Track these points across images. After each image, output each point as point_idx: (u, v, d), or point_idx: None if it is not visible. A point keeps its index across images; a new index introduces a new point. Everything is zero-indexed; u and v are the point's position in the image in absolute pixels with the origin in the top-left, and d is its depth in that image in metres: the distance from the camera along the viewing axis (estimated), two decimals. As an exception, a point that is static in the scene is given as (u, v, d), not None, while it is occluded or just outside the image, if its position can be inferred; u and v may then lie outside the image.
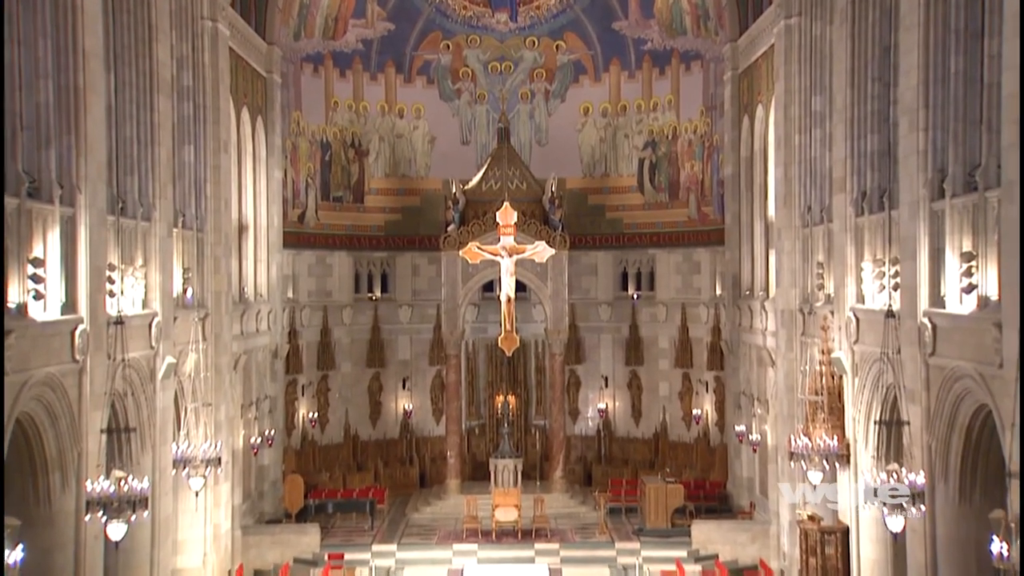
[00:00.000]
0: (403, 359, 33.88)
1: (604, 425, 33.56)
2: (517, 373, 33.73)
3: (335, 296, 32.77)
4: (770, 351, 25.25)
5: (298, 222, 31.50)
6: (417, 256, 33.76)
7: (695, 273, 32.38)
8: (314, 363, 31.91)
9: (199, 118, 22.91)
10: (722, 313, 30.44)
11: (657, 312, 33.19)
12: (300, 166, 31.55)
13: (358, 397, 33.22)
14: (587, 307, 33.73)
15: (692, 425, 31.93)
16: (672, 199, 32.95)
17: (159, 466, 19.10)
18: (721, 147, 30.47)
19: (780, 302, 23.88)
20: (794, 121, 23.21)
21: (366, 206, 33.61)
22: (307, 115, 31.84)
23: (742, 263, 29.02)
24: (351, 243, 33.11)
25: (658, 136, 33.17)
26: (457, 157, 33.88)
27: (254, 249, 28.28)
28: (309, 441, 31.38)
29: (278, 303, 29.40)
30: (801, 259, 23.09)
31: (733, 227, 29.38)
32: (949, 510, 15.54)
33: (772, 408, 25.07)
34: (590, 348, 33.93)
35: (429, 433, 33.67)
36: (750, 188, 28.50)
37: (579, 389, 33.92)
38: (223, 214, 23.80)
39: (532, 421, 33.77)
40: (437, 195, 33.56)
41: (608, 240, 33.78)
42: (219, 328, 23.33)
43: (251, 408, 26.86)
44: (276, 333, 29.23)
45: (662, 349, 33.17)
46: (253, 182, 28.38)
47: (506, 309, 21.62)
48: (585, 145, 34.27)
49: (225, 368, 23.59)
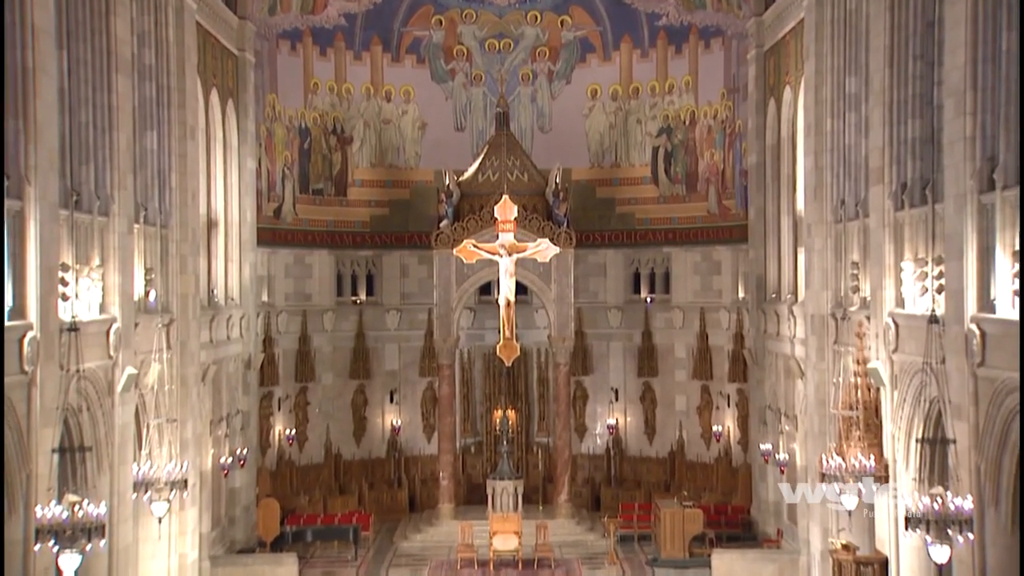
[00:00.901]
0: (391, 369, 33.89)
1: (614, 443, 33.54)
2: (517, 385, 33.71)
3: (315, 299, 32.77)
4: (799, 361, 25.19)
5: (274, 217, 31.47)
6: (406, 255, 33.78)
7: (715, 274, 32.35)
8: (291, 374, 31.92)
9: (163, 101, 22.84)
10: (745, 318, 30.41)
11: (673, 317, 33.15)
12: (276, 155, 31.53)
13: (340, 412, 33.21)
14: (595, 312, 33.74)
15: (712, 443, 31.89)
16: (690, 191, 32.93)
17: (117, 489, 19.00)
18: (744, 134, 30.44)
19: (810, 306, 23.82)
20: (826, 105, 23.18)
21: (349, 199, 33.62)
22: (284, 98, 31.80)
23: (767, 263, 28.97)
24: (333, 241, 33.11)
25: (674, 122, 33.17)
26: (451, 145, 33.89)
27: (225, 247, 28.21)
28: (286, 461, 31.36)
29: (251, 307, 29.35)
30: (833, 258, 23.06)
31: (757, 223, 29.33)
32: (1000, 538, 15.45)
33: (801, 424, 25.02)
34: (598, 357, 33.95)
35: (420, 452, 33.67)
36: (776, 179, 28.46)
37: (586, 403, 33.94)
38: (190, 208, 23.76)
39: (534, 438, 33.79)
40: (428, 187, 33.56)
41: (618, 237, 33.81)
42: (185, 335, 23.29)
43: (221, 424, 26.80)
44: (249, 341, 29.18)
45: (679, 359, 33.17)
46: (223, 173, 28.31)
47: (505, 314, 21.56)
48: (593, 132, 34.28)
49: (192, 380, 23.53)
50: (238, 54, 28.85)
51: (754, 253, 29.59)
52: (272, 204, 31.45)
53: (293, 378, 31.97)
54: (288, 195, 32.00)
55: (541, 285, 30.66)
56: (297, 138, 32.37)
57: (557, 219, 30.79)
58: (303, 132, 32.55)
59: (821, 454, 20.57)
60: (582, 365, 33.48)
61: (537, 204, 31.22)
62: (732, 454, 31.24)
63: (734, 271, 31.59)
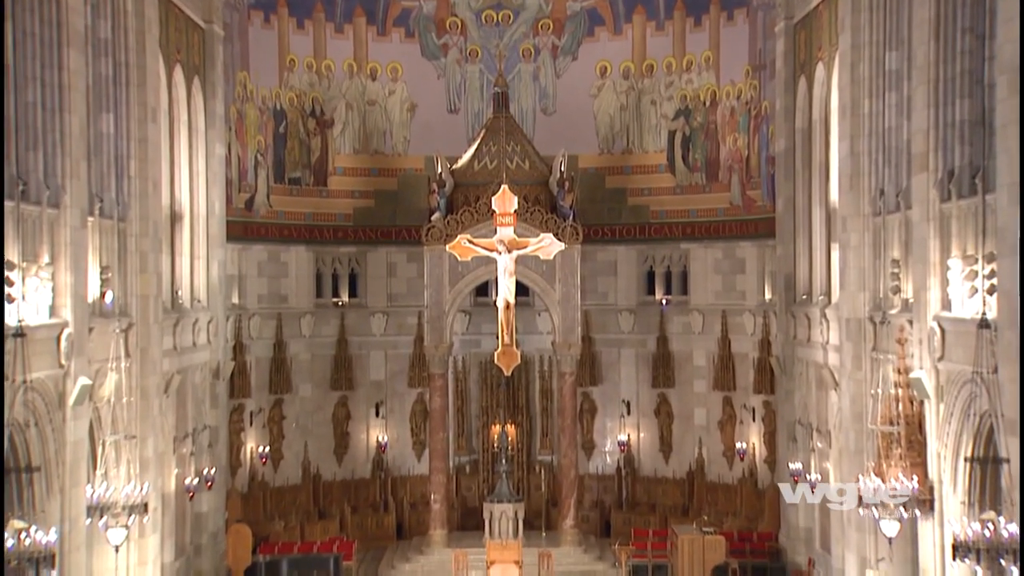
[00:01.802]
0: (376, 380, 33.87)
1: (626, 461, 33.53)
2: (518, 397, 33.70)
3: (291, 301, 32.73)
4: (832, 370, 25.14)
5: (245, 209, 31.43)
6: (394, 252, 33.75)
7: (739, 273, 32.32)
8: (265, 385, 31.90)
9: (120, 79, 22.77)
10: (772, 322, 30.38)
11: (691, 321, 33.12)
12: (248, 140, 31.49)
13: (320, 427, 33.17)
14: (605, 315, 33.70)
15: (735, 462, 31.86)
16: (710, 181, 32.89)
17: (69, 514, 18.92)
18: (771, 116, 30.39)
19: (845, 309, 23.77)
20: (863, 83, 23.09)
21: (330, 190, 33.60)
22: (256, 76, 31.76)
23: (797, 260, 28.92)
24: (311, 235, 33.08)
25: (693, 103, 33.13)
26: (443, 129, 33.85)
27: (190, 243, 28.18)
28: (259, 482, 31.32)
29: (220, 310, 29.29)
30: (871, 255, 23.01)
31: (786, 216, 29.28)
32: (1060, 570, 15.29)
33: (835, 441, 24.97)
34: (608, 366, 33.95)
35: (408, 471, 33.66)
36: (807, 167, 28.41)
37: (594, 417, 33.92)
38: (151, 199, 23.70)
39: (536, 457, 33.78)
40: (418, 176, 33.51)
41: (630, 232, 33.80)
42: (146, 341, 23.23)
43: (186, 441, 26.75)
44: (218, 348, 29.11)
45: (698, 367, 33.15)
46: (189, 159, 28.25)
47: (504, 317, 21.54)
48: (602, 114, 34.26)
49: (153, 391, 23.48)
50: (205, 26, 28.76)
51: (782, 250, 29.53)
52: (243, 195, 31.40)
53: (267, 389, 31.91)
54: (261, 185, 31.94)
55: (544, 285, 30.57)
56: (271, 121, 32.31)
57: (562, 212, 30.72)
58: (278, 114, 32.48)
59: (858, 475, 20.56)
60: (590, 374, 33.46)
61: (540, 195, 31.16)
62: (758, 474, 31.18)
63: (760, 270, 31.56)
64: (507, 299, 21.66)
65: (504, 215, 21.63)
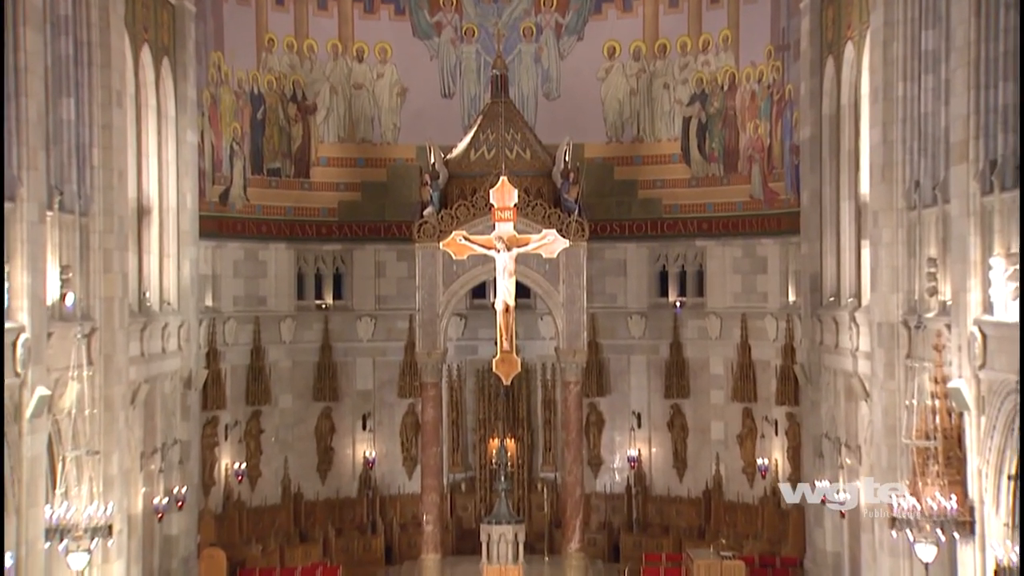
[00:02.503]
0: (363, 389, 33.89)
1: (636, 479, 33.54)
2: (518, 408, 33.69)
3: (271, 304, 32.75)
4: (863, 379, 25.11)
5: (220, 203, 31.43)
6: (382, 250, 33.80)
7: (760, 272, 32.34)
8: (241, 395, 31.90)
9: (82, 60, 22.71)
10: (796, 327, 30.37)
11: (708, 326, 33.13)
12: (222, 127, 31.47)
13: (301, 441, 33.18)
14: (613, 319, 33.71)
15: (756, 480, 31.87)
16: (729, 172, 32.88)
17: (26, 537, 18.85)
18: (796, 101, 30.37)
19: (877, 312, 23.73)
20: (897, 64, 23.04)
21: (313, 182, 33.62)
22: (232, 57, 31.74)
23: (824, 259, 28.89)
24: (292, 232, 33.12)
25: (710, 87, 33.13)
26: (436, 116, 33.87)
27: (159, 240, 28.17)
28: (234, 502, 31.31)
29: (192, 313, 29.29)
30: (906, 254, 22.99)
31: (812, 210, 29.25)
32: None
33: (866, 457, 24.96)
34: (617, 374, 33.95)
35: (398, 490, 33.66)
36: (835, 157, 28.39)
37: (602, 430, 33.94)
38: (116, 192, 23.63)
39: (538, 474, 33.80)
40: (409, 167, 33.52)
41: (641, 228, 33.82)
42: (111, 348, 23.19)
43: (154, 457, 26.75)
44: (190, 354, 29.13)
45: (715, 376, 33.14)
46: (158, 148, 28.24)
47: (503, 321, 21.47)
48: (610, 99, 34.27)
49: (119, 403, 23.44)
50: (175, 2, 28.74)
51: (807, 247, 29.50)
52: (218, 187, 31.37)
53: (243, 400, 31.92)
54: (237, 176, 31.94)
55: (547, 286, 30.48)
56: (248, 107, 32.28)
57: (566, 206, 30.65)
58: (255, 99, 32.45)
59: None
60: (597, 384, 33.48)
61: (542, 187, 31.09)
62: (781, 493, 30.99)
63: (783, 269, 31.57)
64: (506, 301, 21.58)
65: (503, 209, 21.53)
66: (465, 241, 22.04)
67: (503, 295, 21.60)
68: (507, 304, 21.59)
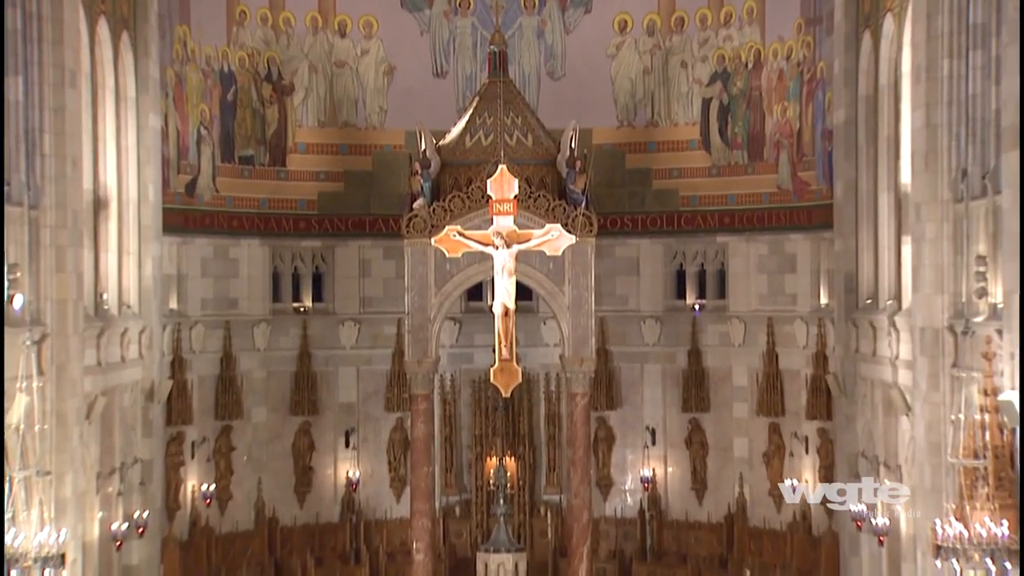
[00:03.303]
0: (346, 402, 33.91)
1: (650, 502, 33.55)
2: (518, 423, 33.71)
3: (243, 307, 32.79)
4: (903, 391, 25.10)
5: (186, 195, 31.43)
6: (367, 246, 33.87)
7: (788, 272, 32.38)
8: (210, 409, 31.93)
9: (31, 35, 22.62)
10: (829, 333, 30.40)
11: (731, 331, 33.20)
12: (189, 110, 31.48)
13: (277, 460, 33.21)
14: (624, 323, 33.78)
15: (784, 503, 31.58)
16: (753, 160, 32.92)
17: (-31, 568, 18.71)
18: (829, 81, 30.37)
19: (919, 316, 23.71)
20: (942, 40, 22.95)
21: (290, 171, 33.64)
22: (199, 32, 31.75)
23: (860, 257, 28.95)
24: (267, 226, 33.15)
25: (732, 64, 33.17)
26: (428, 97, 33.91)
27: (118, 236, 28.16)
28: (202, 528, 31.29)
29: (155, 318, 29.31)
30: (951, 250, 22.92)
31: (846, 202, 29.30)
32: None
33: (907, 478, 24.96)
34: (629, 385, 34.02)
35: (385, 514, 33.68)
36: (873, 143, 28.40)
37: (612, 448, 34.00)
38: (70, 182, 23.56)
39: (541, 496, 33.83)
40: (397, 154, 33.57)
41: (656, 222, 33.88)
42: (64, 356, 23.14)
43: (112, 478, 26.72)
44: (152, 363, 29.15)
45: (738, 387, 33.19)
46: (116, 134, 28.24)
47: (502, 326, 21.40)
48: (621, 79, 34.32)
49: (73, 417, 23.39)
50: (136, -29, 28.82)
51: (842, 244, 29.52)
52: (183, 177, 31.36)
53: (212, 414, 31.93)
54: (205, 165, 31.93)
55: (551, 287, 30.45)
56: (218, 87, 32.29)
57: (572, 197, 30.61)
58: (226, 78, 32.46)
59: (935, 519, 20.31)
60: (607, 396, 33.52)
61: (545, 177, 31.09)
62: (812, 518, 31.11)
63: (814, 268, 31.60)
64: (506, 304, 21.50)
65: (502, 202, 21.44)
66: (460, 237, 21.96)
67: (502, 297, 21.54)
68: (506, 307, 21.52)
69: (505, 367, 21.49)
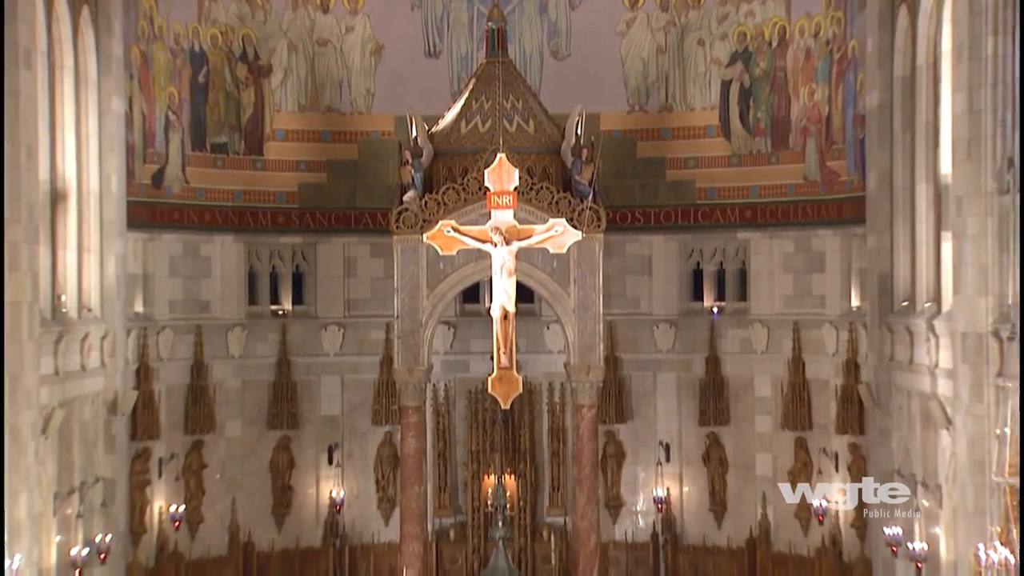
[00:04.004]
0: (329, 415, 33.97)
1: (664, 525, 33.59)
2: (519, 438, 33.70)
3: (215, 310, 32.86)
4: (944, 402, 25.10)
5: (153, 186, 31.44)
6: (353, 243, 33.95)
7: (816, 271, 32.42)
8: (179, 422, 31.94)
9: (-18, 10, 22.58)
10: (861, 339, 30.44)
11: (753, 337, 33.27)
12: (156, 93, 31.47)
13: (253, 479, 33.29)
14: (636, 328, 33.84)
15: (812, 526, 31.86)
16: (778, 148, 32.95)
17: (-88, 598, 18.74)
18: (861, 61, 30.38)
19: (961, 320, 23.70)
20: (986, 15, 22.90)
21: (268, 160, 33.71)
22: (167, 7, 31.72)
23: (896, 255, 28.99)
24: (242, 221, 33.21)
25: (755, 43, 33.20)
26: (419, 79, 33.96)
27: (78, 231, 28.13)
28: (170, 554, 31.29)
29: (118, 322, 29.30)
30: (996, 248, 22.88)
31: (880, 195, 29.31)
32: None
33: (947, 499, 24.95)
34: (641, 396, 34.08)
35: (372, 539, 33.73)
36: (909, 129, 28.43)
37: (622, 465, 34.07)
38: (24, 172, 23.45)
39: (544, 518, 33.79)
40: (386, 142, 33.64)
41: (670, 217, 33.94)
42: (17, 365, 23.03)
43: (71, 499, 26.68)
44: (115, 372, 29.14)
45: (761, 399, 33.24)
46: (76, 119, 28.20)
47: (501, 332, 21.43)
48: (632, 59, 34.40)
49: (28, 432, 23.30)
50: (98, -60, 28.76)
51: (875, 240, 29.54)
52: (150, 167, 31.35)
53: (182, 428, 31.93)
54: (174, 153, 31.93)
55: (555, 288, 30.41)
56: (188, 67, 32.29)
57: (579, 189, 30.58)
58: (196, 58, 32.47)
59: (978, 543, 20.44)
60: (616, 408, 33.57)
61: (549, 167, 31.08)
62: (843, 542, 31.16)
63: (844, 267, 31.63)
64: (505, 307, 21.52)
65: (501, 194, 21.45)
66: (454, 233, 21.96)
67: (501, 299, 21.55)
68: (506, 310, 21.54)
69: (504, 376, 21.51)
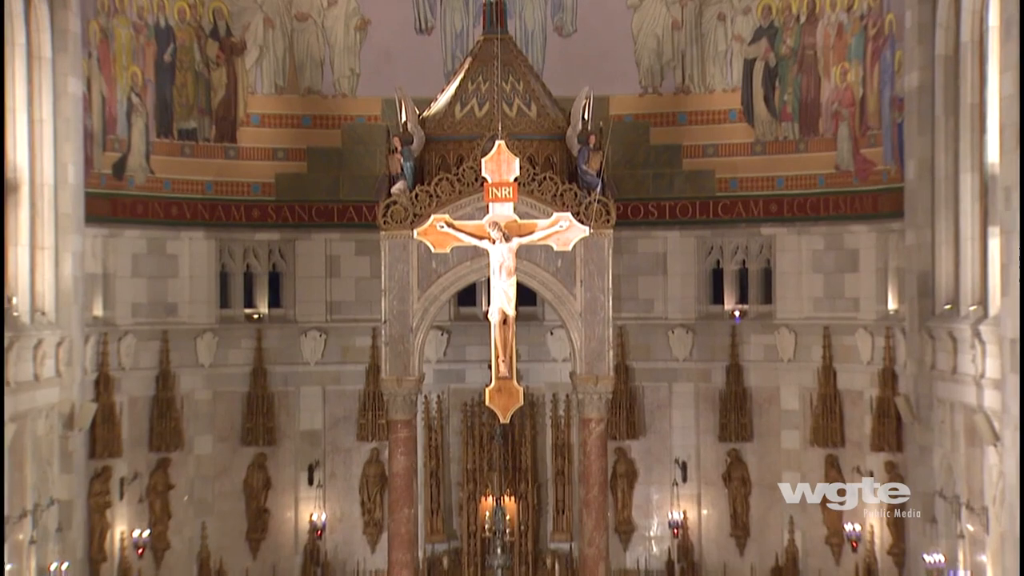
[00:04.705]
0: (309, 429, 34.06)
1: (681, 551, 33.67)
2: (520, 455, 33.73)
3: (184, 313, 32.92)
4: (991, 416, 25.01)
5: (114, 177, 31.49)
6: (336, 240, 34.09)
7: (848, 271, 32.46)
8: (143, 438, 32.01)
9: (-76, -19, 22.54)
10: (900, 345, 30.51)
11: (779, 343, 33.33)
12: (117, 73, 31.49)
13: (225, 500, 33.38)
14: (649, 333, 33.98)
15: (845, 552, 31.95)
16: (806, 135, 33.02)
17: None
18: (899, 38, 30.41)
19: (1009, 325, 23.60)
20: (1038, -13, 22.85)
21: (241, 147, 33.81)
22: (130, -22, 31.84)
23: (937, 252, 29.03)
24: (213, 215, 33.30)
25: (781, 17, 33.23)
26: (409, 58, 34.10)
27: (30, 226, 28.14)
28: (134, 583, 31.21)
29: (76, 327, 29.28)
30: (1050, 244, 22.75)
31: (920, 186, 29.35)
32: None
33: (995, 523, 24.91)
34: (654, 409, 34.18)
35: (357, 566, 33.76)
36: (952, 113, 28.47)
37: (634, 485, 34.17)
38: (-29, 161, 23.45)
39: (547, 544, 33.85)
40: (372, 128, 33.76)
41: (687, 211, 34.06)
42: (-37, 374, 22.98)
43: (23, 523, 26.59)
44: (72, 383, 29.12)
45: (787, 412, 33.29)
46: (29, 103, 28.20)
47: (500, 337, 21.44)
48: (645, 35, 34.53)
49: (-26, 449, 23.22)
50: (53, -96, 28.71)
51: (914, 236, 29.57)
52: (111, 155, 31.39)
53: (146, 444, 31.97)
54: (138, 140, 31.96)
55: (559, 290, 30.36)
56: (152, 45, 32.30)
57: (586, 180, 30.53)
58: (162, 34, 32.49)
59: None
60: (627, 422, 33.63)
61: (553, 155, 31.07)
62: (878, 570, 31.14)
63: (880, 266, 31.68)
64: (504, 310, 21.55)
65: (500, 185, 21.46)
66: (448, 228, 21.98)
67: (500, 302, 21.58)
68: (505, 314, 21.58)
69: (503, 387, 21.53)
